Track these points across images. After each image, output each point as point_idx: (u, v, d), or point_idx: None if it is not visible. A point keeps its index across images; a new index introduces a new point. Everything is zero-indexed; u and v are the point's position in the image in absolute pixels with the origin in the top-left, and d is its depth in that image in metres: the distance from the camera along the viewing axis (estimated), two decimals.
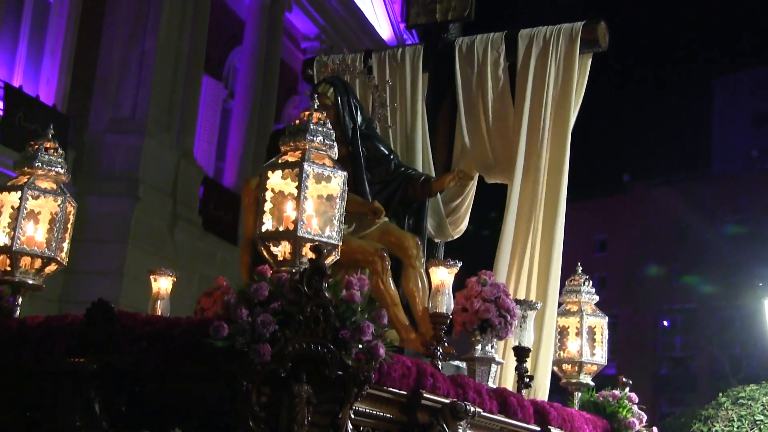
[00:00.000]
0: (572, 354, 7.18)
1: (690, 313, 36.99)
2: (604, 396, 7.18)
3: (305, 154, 4.75)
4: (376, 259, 6.22)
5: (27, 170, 5.55)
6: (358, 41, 21.12)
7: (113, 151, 14.31)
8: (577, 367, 7.17)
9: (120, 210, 13.96)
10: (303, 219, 4.62)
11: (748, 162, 40.44)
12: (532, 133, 7.41)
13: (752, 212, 34.11)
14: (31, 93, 13.60)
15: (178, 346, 4.41)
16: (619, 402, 7.11)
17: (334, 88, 6.80)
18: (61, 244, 5.57)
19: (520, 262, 7.22)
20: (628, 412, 7.10)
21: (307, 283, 4.18)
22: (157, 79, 14.60)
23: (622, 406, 7.10)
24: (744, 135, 42.55)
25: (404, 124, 7.72)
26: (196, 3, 15.53)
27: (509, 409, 5.65)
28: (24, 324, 5.02)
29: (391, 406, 4.77)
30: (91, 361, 4.44)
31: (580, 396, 7.18)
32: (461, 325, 6.00)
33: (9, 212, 5.42)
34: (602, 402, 7.14)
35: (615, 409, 7.08)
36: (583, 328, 7.18)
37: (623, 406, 7.10)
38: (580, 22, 7.48)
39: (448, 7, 7.86)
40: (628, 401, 7.15)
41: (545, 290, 7.13)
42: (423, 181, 6.99)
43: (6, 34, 13.56)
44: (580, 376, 7.16)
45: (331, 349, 4.13)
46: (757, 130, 42.65)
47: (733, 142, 42.91)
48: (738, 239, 33.21)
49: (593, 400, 7.17)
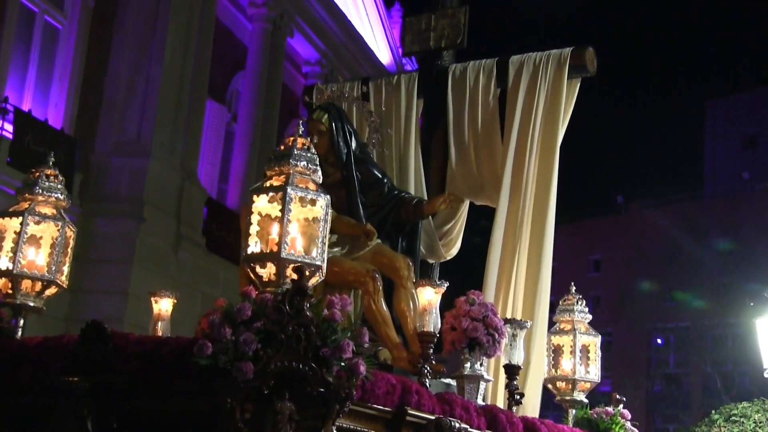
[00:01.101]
0: (566, 372, 7.17)
1: (683, 331, 36.86)
2: (597, 413, 7.17)
3: (289, 178, 4.80)
4: (367, 279, 6.25)
5: (28, 196, 5.63)
6: (358, 66, 21.19)
7: (119, 173, 14.35)
8: (571, 385, 7.16)
9: (125, 230, 13.97)
10: (287, 241, 4.66)
11: (740, 184, 40.43)
12: (519, 155, 7.45)
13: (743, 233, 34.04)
14: (39, 117, 13.65)
15: (167, 364, 4.42)
16: (612, 419, 7.10)
17: (329, 114, 6.83)
18: (61, 267, 5.63)
19: (507, 282, 7.24)
20: (620, 428, 7.09)
21: (289, 302, 4.20)
22: (162, 103, 14.66)
23: (615, 423, 7.08)
24: (735, 157, 42.59)
25: (398, 148, 7.77)
26: (200, 29, 15.60)
27: (498, 425, 5.62)
28: (23, 344, 5.08)
29: (375, 422, 4.78)
30: (85, 380, 4.47)
31: (575, 413, 7.17)
32: (450, 344, 6.00)
33: (12, 237, 5.50)
34: (596, 419, 7.12)
35: (608, 426, 7.07)
36: (577, 346, 7.18)
37: (616, 423, 7.08)
38: (568, 48, 7.55)
39: (442, 35, 7.93)
40: (621, 418, 7.13)
41: (533, 309, 7.13)
42: (415, 204, 7.00)
43: (16, 60, 13.62)
44: (574, 394, 7.14)
45: (312, 366, 4.14)
46: (748, 152, 42.68)
47: (725, 164, 42.94)
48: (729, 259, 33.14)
49: (587, 416, 7.15)
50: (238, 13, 18.29)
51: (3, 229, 5.54)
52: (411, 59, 21.90)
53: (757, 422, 10.02)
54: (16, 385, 4.87)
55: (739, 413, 10.22)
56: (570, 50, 7.50)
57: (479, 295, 6.14)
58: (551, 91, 7.47)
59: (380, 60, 22.31)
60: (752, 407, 10.27)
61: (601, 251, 40.33)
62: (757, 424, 10.00)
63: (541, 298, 7.17)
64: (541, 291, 7.17)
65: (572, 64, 7.48)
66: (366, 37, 21.68)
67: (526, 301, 7.18)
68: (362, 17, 22.05)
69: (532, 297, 7.17)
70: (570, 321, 7.25)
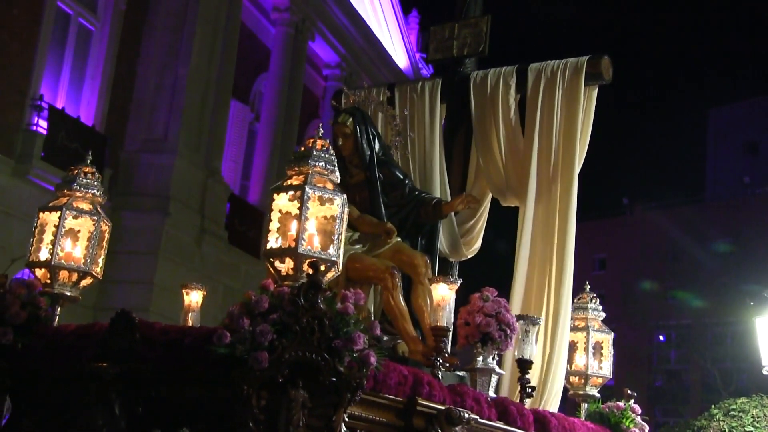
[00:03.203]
0: (579, 367, 7.15)
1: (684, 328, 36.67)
2: (609, 407, 7.15)
3: (308, 177, 4.89)
4: (386, 276, 6.29)
5: (67, 192, 5.76)
6: (376, 69, 21.18)
7: (146, 169, 14.40)
8: (584, 380, 7.14)
9: (152, 224, 14.02)
10: (304, 237, 4.74)
11: (740, 188, 40.22)
12: (542, 159, 7.43)
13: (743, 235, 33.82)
14: (72, 114, 13.70)
15: (189, 353, 4.47)
16: (623, 413, 7.08)
17: (353, 118, 6.85)
18: (96, 259, 5.76)
19: (540, 281, 7.21)
20: (630, 422, 7.08)
21: (303, 296, 4.28)
22: (188, 103, 14.70)
23: (626, 417, 7.06)
24: (736, 162, 42.36)
25: (423, 151, 7.78)
26: (225, 33, 15.62)
27: (509, 416, 5.65)
28: (58, 331, 5.15)
29: (387, 411, 4.82)
30: (113, 366, 4.55)
31: (587, 407, 7.14)
32: (464, 338, 6.03)
33: (51, 230, 5.64)
34: (607, 413, 7.11)
35: (619, 420, 7.07)
36: (590, 342, 7.16)
37: (627, 417, 7.06)
38: (585, 56, 7.50)
39: (464, 43, 7.93)
40: (632, 413, 7.11)
41: (558, 306, 7.10)
42: (435, 204, 7.00)
43: (51, 60, 13.67)
44: (586, 388, 7.13)
45: (325, 357, 4.20)
46: (749, 157, 42.45)
47: (726, 169, 42.71)
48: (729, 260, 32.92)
49: (599, 410, 7.14)
50: (262, 18, 18.29)
51: (44, 222, 5.68)
52: (428, 65, 21.90)
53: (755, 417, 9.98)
54: (52, 371, 4.93)
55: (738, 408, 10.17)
56: (586, 59, 7.46)
57: (493, 291, 6.13)
58: (569, 98, 7.43)
59: (397, 64, 22.28)
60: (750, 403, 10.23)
61: (606, 251, 40.15)
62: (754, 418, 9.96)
63: (564, 295, 7.13)
64: (565, 289, 7.14)
65: (588, 72, 7.44)
66: (384, 42, 21.65)
67: (555, 298, 7.12)
68: (381, 22, 22.03)
69: (558, 295, 7.12)
70: (584, 318, 7.25)
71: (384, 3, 22.07)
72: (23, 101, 12.93)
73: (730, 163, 42.75)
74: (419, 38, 23.68)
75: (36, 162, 12.64)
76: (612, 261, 40.03)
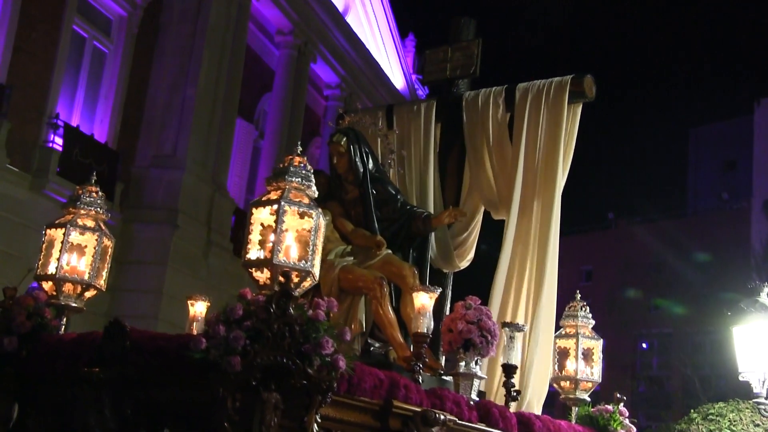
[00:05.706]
0: (570, 373, 7.10)
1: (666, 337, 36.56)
2: (598, 410, 7.09)
3: (285, 192, 4.93)
4: (375, 286, 6.31)
5: (72, 210, 5.87)
6: (374, 90, 21.21)
7: (156, 184, 14.38)
8: (574, 384, 7.08)
9: (160, 236, 13.99)
10: (280, 249, 4.79)
11: (719, 203, 40.21)
12: (527, 173, 7.40)
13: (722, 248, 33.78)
14: (86, 132, 13.69)
15: (174, 358, 4.48)
16: (612, 416, 7.02)
17: (347, 138, 6.88)
18: (100, 273, 5.84)
19: (517, 289, 7.18)
20: (618, 425, 7.02)
21: (276, 303, 4.30)
22: (196, 121, 14.69)
23: (614, 419, 7.00)
24: (715, 179, 42.37)
25: (419, 167, 7.80)
26: (231, 55, 15.63)
27: (491, 418, 5.58)
28: (60, 339, 5.23)
29: (363, 413, 4.80)
30: (104, 371, 4.61)
31: (577, 410, 7.09)
32: (448, 344, 5.98)
33: (58, 246, 5.73)
34: (596, 416, 7.05)
35: (607, 422, 7.01)
36: (579, 349, 7.11)
37: (615, 420, 7.00)
38: (569, 75, 7.48)
39: (457, 65, 7.94)
40: (620, 416, 7.05)
41: (537, 314, 7.04)
42: (424, 218, 6.99)
43: (67, 80, 13.67)
44: (576, 392, 7.07)
45: (295, 361, 4.22)
46: (728, 175, 42.46)
47: (706, 185, 42.71)
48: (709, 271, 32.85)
49: (588, 413, 7.08)
50: (266, 41, 18.32)
51: (52, 238, 5.80)
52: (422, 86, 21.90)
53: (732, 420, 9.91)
54: (53, 375, 4.96)
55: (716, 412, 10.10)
56: (570, 77, 7.44)
57: (476, 300, 6.09)
58: (553, 114, 7.40)
59: (395, 85, 22.31)
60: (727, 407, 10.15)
61: (592, 263, 40.11)
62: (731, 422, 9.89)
63: (544, 303, 7.08)
64: (544, 297, 7.08)
65: (572, 90, 7.41)
66: (382, 64, 21.70)
67: (533, 307, 7.09)
68: (379, 46, 22.07)
69: (536, 303, 7.09)
70: (574, 326, 7.20)
71: (382, 27, 22.13)
72: (40, 119, 12.92)
73: (710, 180, 42.75)
74: (415, 60, 23.72)
75: (52, 177, 12.62)
76: (598, 272, 39.94)
